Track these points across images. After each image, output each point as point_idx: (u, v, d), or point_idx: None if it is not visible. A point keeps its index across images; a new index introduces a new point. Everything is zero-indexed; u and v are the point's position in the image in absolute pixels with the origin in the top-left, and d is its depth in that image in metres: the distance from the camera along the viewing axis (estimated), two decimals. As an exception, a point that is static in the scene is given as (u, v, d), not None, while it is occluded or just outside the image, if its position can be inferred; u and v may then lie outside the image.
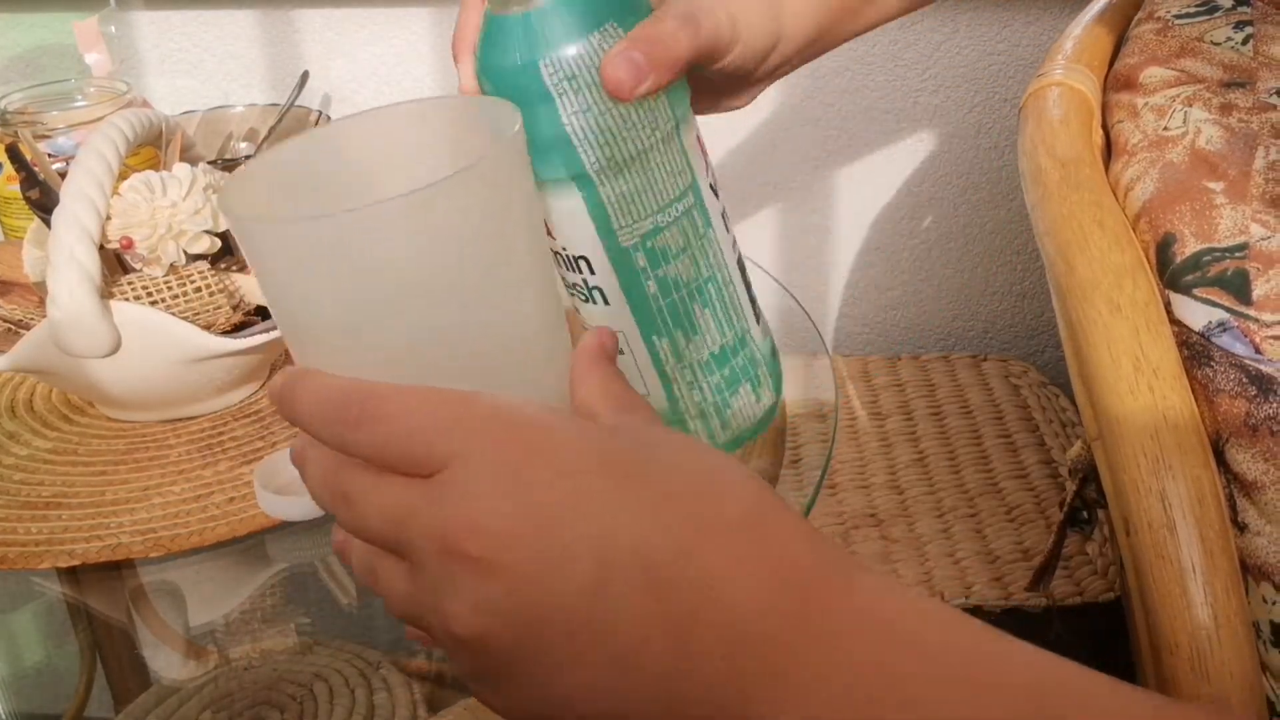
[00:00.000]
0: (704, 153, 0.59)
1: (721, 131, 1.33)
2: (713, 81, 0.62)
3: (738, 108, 0.67)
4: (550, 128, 0.53)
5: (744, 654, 0.36)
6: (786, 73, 0.67)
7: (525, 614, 0.36)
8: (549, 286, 0.45)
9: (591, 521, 0.36)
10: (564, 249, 0.58)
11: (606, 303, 0.59)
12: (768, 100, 1.32)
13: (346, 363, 0.41)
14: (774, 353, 0.66)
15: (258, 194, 0.44)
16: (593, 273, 0.58)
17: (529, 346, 0.45)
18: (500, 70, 0.53)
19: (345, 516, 0.40)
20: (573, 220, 0.56)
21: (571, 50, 0.52)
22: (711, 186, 0.59)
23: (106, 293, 0.73)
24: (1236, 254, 0.60)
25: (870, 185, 1.37)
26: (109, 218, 0.74)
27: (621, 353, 0.62)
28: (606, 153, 0.54)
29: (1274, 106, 0.65)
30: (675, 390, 0.63)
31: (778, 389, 0.66)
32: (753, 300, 0.63)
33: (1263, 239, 0.60)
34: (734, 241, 0.61)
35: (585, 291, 0.59)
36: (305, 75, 1.19)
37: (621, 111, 0.53)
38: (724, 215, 0.60)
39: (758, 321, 0.64)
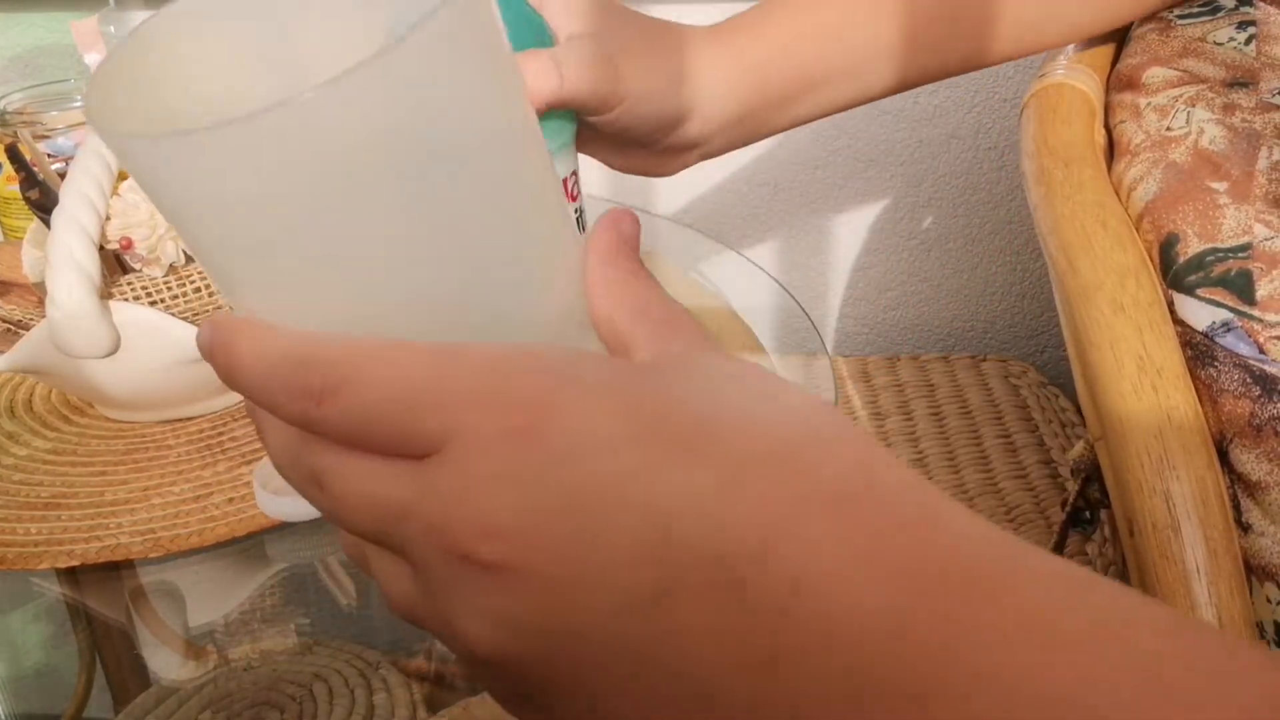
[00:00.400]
0: (571, 198, 0.61)
1: (721, 131, 1.33)
2: (618, 139, 0.64)
3: (662, 175, 0.69)
4: None
5: (862, 690, 0.25)
6: (717, 150, 0.69)
7: (559, 633, 0.27)
8: (545, 171, 0.35)
9: (639, 510, 0.27)
10: None
11: None
12: (767, 100, 1.32)
13: (290, 308, 0.32)
14: None
15: (137, 93, 0.32)
16: None
17: (530, 254, 0.34)
18: None
19: (321, 503, 0.32)
20: None
21: None
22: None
23: (106, 293, 0.72)
24: (1240, 254, 0.60)
25: (870, 186, 1.37)
26: (108, 218, 0.74)
27: None
28: None
29: (1277, 106, 0.65)
30: None
31: None
32: None
33: (1266, 239, 0.60)
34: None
35: None
36: (304, 75, 1.19)
37: None
38: None
39: None
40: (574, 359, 0.30)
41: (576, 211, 0.63)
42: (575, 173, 0.63)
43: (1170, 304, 0.62)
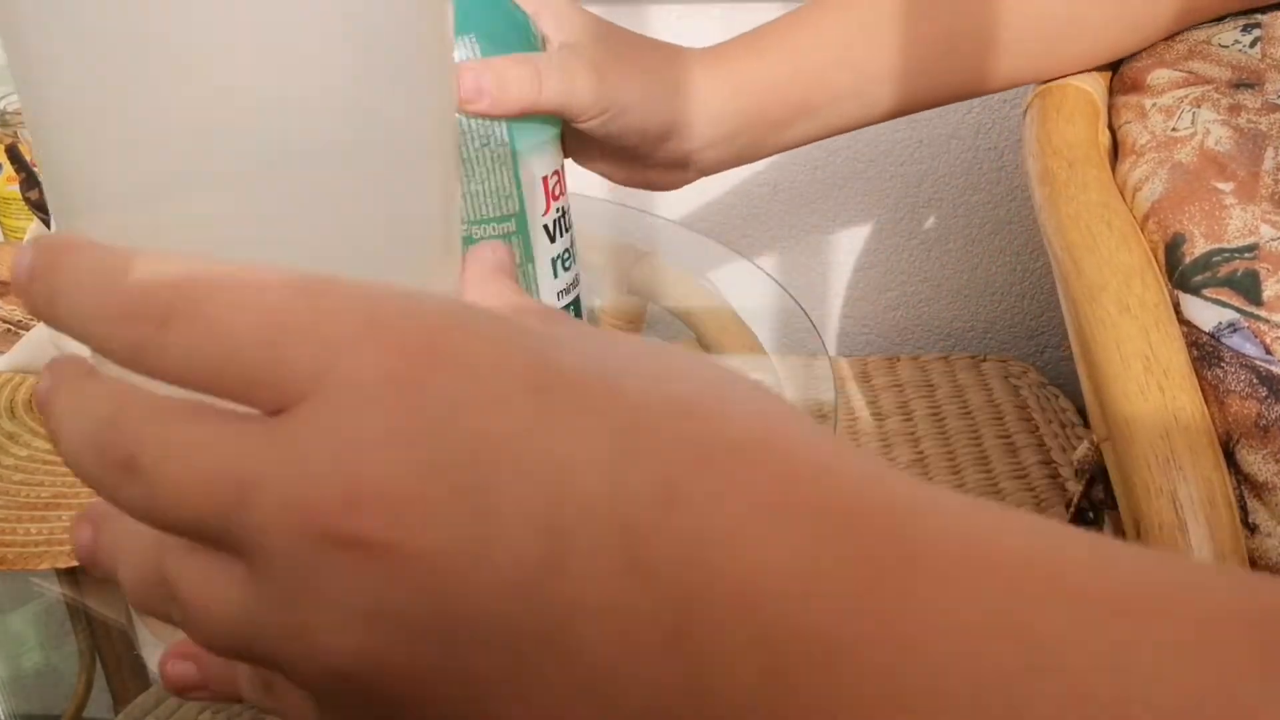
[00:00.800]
0: (553, 196, 0.62)
1: (721, 131, 1.33)
2: (611, 151, 0.65)
3: (662, 189, 0.71)
4: None
5: (775, 661, 0.22)
6: (712, 166, 0.71)
7: (439, 622, 0.23)
8: (449, 136, 0.30)
9: (532, 469, 0.23)
10: None
11: None
12: (768, 100, 1.32)
13: (137, 231, 0.27)
14: None
15: None
16: None
17: (416, 217, 0.29)
18: None
19: (130, 492, 0.25)
20: None
21: None
22: (547, 229, 0.62)
23: (107, 292, 0.72)
24: (1246, 254, 0.60)
25: (870, 186, 1.37)
26: (109, 216, 0.74)
27: None
28: None
29: (1282, 106, 0.65)
30: None
31: None
32: None
33: (1273, 239, 0.60)
34: (563, 291, 0.63)
35: None
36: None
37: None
38: (558, 261, 0.62)
39: None
40: (461, 305, 0.26)
41: (559, 211, 0.64)
42: (558, 171, 0.64)
43: (1176, 304, 0.62)
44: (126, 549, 0.27)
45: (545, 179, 0.62)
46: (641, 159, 0.66)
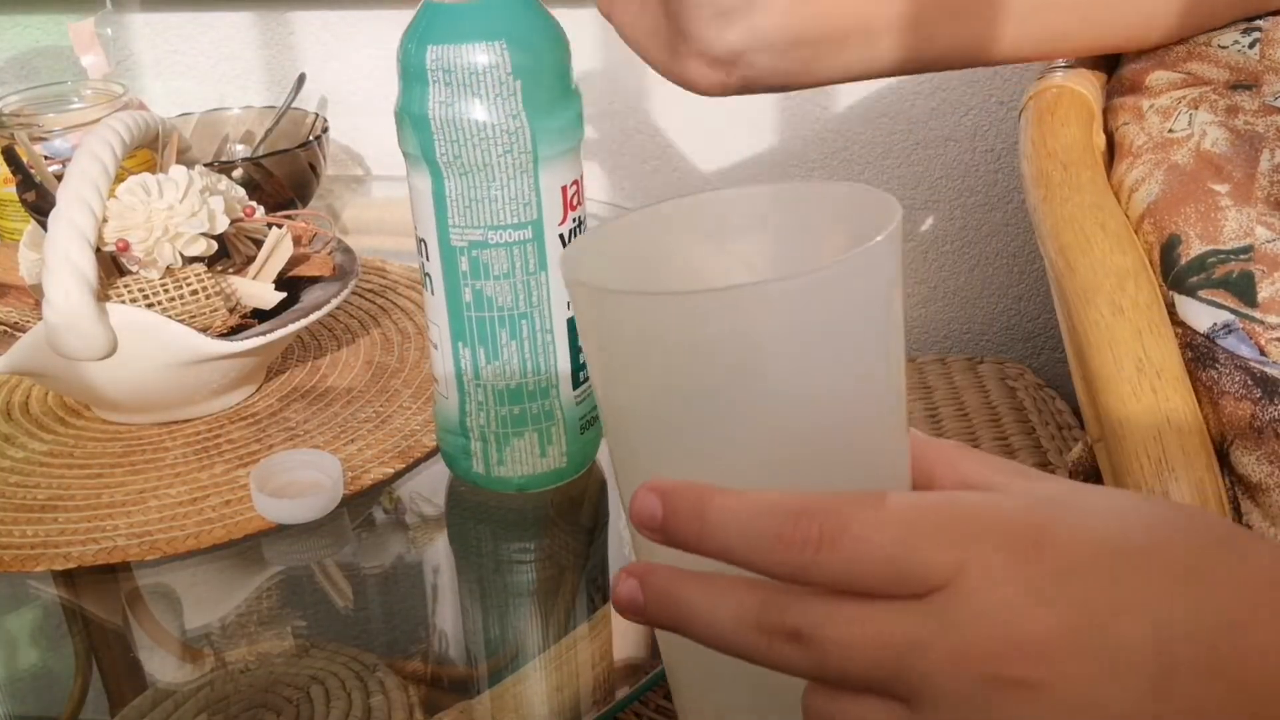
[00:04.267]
0: (570, 206, 0.64)
1: (717, 132, 1.33)
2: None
3: (699, 89, 0.71)
4: (420, 107, 0.60)
5: None
6: (758, 77, 0.70)
7: None
8: (903, 394, 0.40)
9: (1143, 613, 0.31)
10: (415, 227, 0.64)
11: (433, 292, 0.65)
12: (765, 102, 1.32)
13: (700, 464, 0.36)
14: (583, 429, 0.69)
15: (605, 266, 0.39)
16: (428, 259, 0.64)
17: (887, 440, 0.39)
18: (405, 42, 0.61)
19: (796, 658, 0.33)
20: (420, 200, 0.63)
21: (452, 47, 0.59)
22: (562, 238, 0.63)
23: (102, 295, 0.72)
24: (1242, 256, 0.60)
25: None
26: (105, 220, 0.74)
27: (435, 346, 0.67)
28: (454, 149, 0.60)
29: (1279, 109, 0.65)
30: (467, 405, 0.66)
31: (575, 465, 0.70)
32: (579, 367, 0.67)
33: (1268, 241, 0.60)
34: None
35: (423, 275, 0.65)
36: (302, 78, 1.19)
37: (479, 120, 0.59)
38: None
39: (574, 388, 0.67)
40: (1027, 500, 0.34)
41: (575, 221, 0.64)
42: (577, 181, 0.64)
43: (1171, 305, 0.62)
44: (810, 701, 0.34)
45: (565, 188, 0.63)
46: (694, 37, 0.67)
